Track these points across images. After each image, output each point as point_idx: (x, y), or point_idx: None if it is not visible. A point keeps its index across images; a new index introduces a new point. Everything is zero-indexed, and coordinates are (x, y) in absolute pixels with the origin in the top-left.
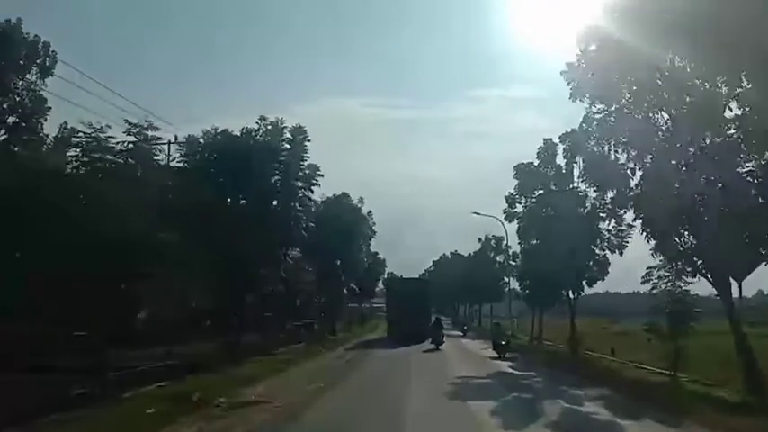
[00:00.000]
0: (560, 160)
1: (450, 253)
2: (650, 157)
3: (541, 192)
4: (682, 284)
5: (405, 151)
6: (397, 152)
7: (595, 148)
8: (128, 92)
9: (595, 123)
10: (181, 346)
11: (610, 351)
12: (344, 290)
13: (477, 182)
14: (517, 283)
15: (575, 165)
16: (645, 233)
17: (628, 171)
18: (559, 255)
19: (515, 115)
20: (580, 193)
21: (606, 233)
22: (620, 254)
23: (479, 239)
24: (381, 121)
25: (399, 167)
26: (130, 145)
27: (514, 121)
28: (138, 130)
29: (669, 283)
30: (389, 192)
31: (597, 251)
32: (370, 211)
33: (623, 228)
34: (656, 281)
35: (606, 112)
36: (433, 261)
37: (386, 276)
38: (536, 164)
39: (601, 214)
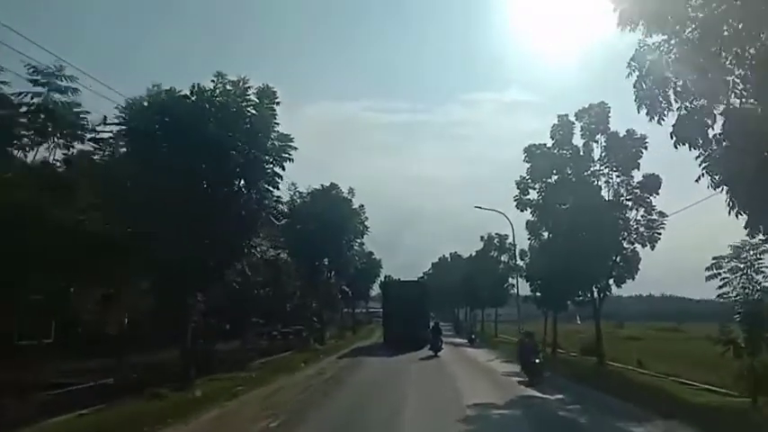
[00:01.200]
0: (577, 141)
1: (450, 254)
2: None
3: (556, 177)
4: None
5: (402, 154)
6: (394, 155)
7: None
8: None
9: (649, 60)
10: (139, 355)
11: (636, 362)
12: (338, 293)
13: (474, 184)
14: (527, 284)
15: (594, 144)
16: (730, 203)
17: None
18: (580, 249)
19: (511, 119)
20: (603, 176)
21: (635, 224)
22: (652, 248)
23: (481, 237)
24: (380, 124)
25: (397, 170)
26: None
27: (510, 125)
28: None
29: (744, 278)
30: (387, 194)
31: (625, 244)
32: (362, 205)
33: (654, 217)
34: (727, 275)
35: (667, 45)
36: (432, 263)
37: (382, 279)
38: (549, 145)
39: (626, 201)
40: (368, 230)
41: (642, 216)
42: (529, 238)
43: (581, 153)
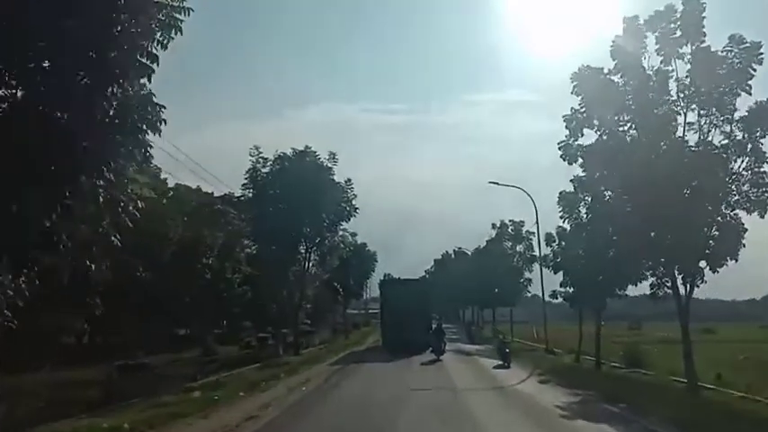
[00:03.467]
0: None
1: (454, 250)
2: None
3: (617, 117)
4: None
5: (401, 155)
6: (393, 156)
7: None
8: None
9: None
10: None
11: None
12: (325, 289)
13: (475, 185)
14: (550, 278)
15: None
16: None
17: None
18: (655, 215)
19: (511, 119)
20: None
21: (736, 180)
22: (761, 214)
23: (493, 225)
24: (378, 126)
25: (396, 171)
26: None
27: (509, 125)
28: None
29: None
30: (387, 196)
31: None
32: (349, 179)
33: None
34: None
35: None
36: (434, 260)
37: (381, 277)
38: (607, 71)
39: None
40: (356, 211)
41: (748, 168)
42: (563, 216)
43: (653, 80)
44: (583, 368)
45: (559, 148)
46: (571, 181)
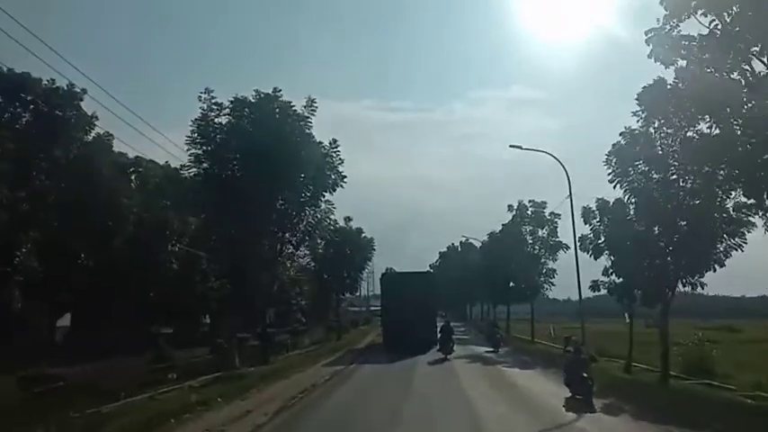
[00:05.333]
0: None
1: (460, 242)
2: None
3: None
4: None
5: (406, 153)
6: (398, 154)
7: None
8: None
9: None
10: None
11: None
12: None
13: (479, 182)
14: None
15: None
16: None
17: None
18: None
19: (516, 115)
20: None
21: None
22: None
23: (509, 207)
24: (382, 124)
25: (401, 170)
26: None
27: (514, 122)
28: None
29: None
30: (391, 194)
31: None
32: (334, 140)
33: None
34: None
35: None
36: (440, 253)
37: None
38: None
39: None
40: (344, 181)
41: None
42: (614, 178)
43: None
44: (646, 383)
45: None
46: (621, 134)
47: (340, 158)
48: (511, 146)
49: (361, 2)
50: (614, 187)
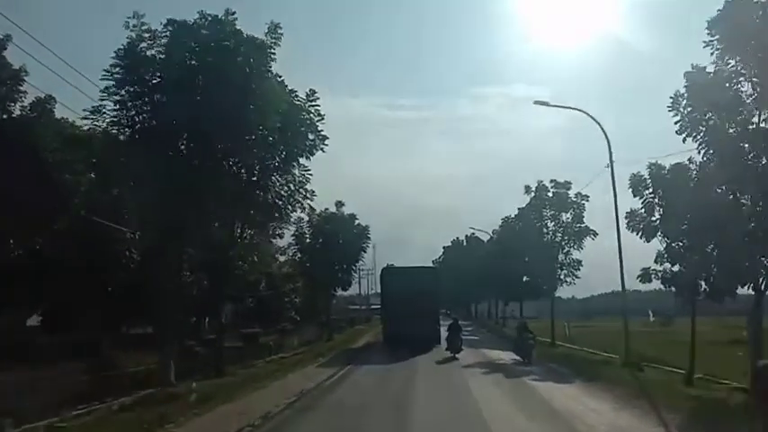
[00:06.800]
0: None
1: (466, 236)
2: None
3: None
4: None
5: (409, 151)
6: (401, 152)
7: None
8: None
9: None
10: None
11: None
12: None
13: (483, 180)
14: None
15: None
16: None
17: None
18: None
19: (519, 113)
20: None
21: None
22: None
23: (527, 188)
24: (385, 121)
25: (404, 167)
26: None
27: (518, 119)
28: None
29: None
30: (394, 191)
31: None
32: (312, 90)
33: None
34: None
35: None
36: (444, 247)
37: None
38: None
39: None
40: (325, 143)
41: None
42: (683, 128)
43: None
44: (731, 406)
45: None
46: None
47: (319, 114)
48: (536, 102)
49: (362, 1)
50: (684, 140)
